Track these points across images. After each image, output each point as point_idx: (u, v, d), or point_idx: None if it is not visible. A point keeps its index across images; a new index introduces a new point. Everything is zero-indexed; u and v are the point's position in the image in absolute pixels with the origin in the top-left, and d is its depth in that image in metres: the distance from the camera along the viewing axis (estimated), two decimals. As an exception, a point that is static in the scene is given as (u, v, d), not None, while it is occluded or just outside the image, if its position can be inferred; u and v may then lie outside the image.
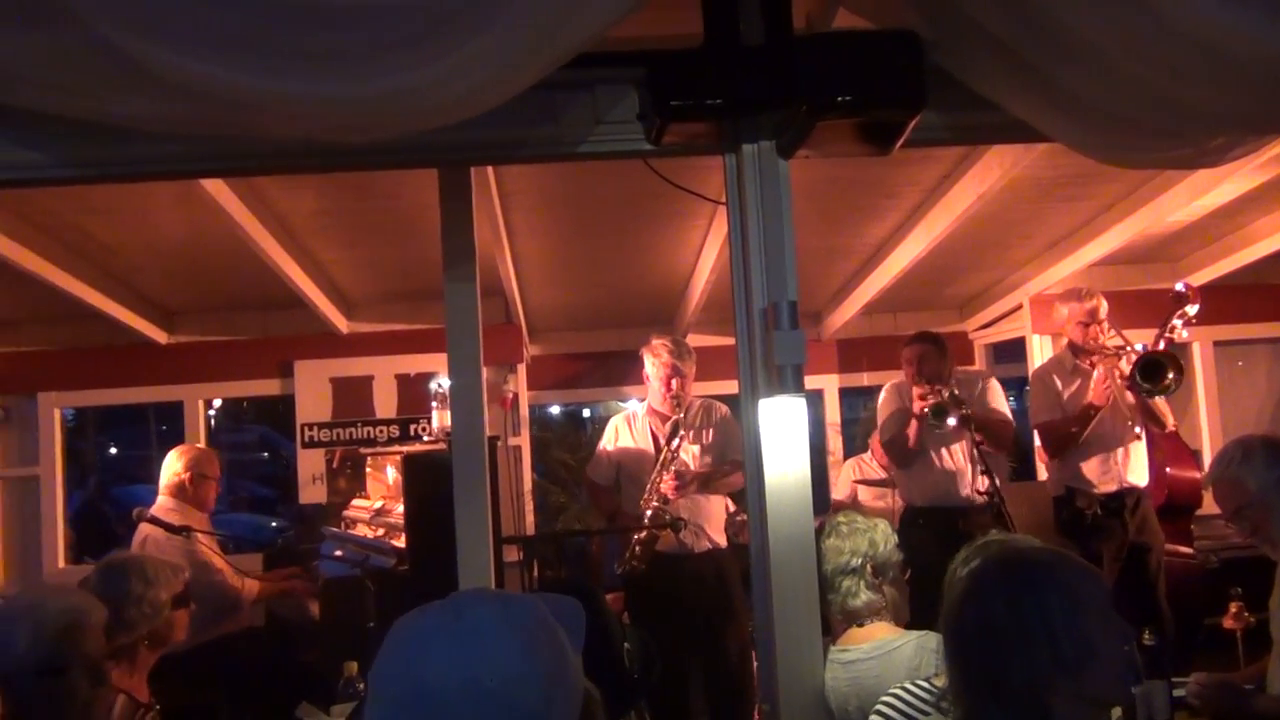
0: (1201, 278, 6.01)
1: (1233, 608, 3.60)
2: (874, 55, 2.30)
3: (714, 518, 4.76)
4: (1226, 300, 6.13)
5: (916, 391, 4.79)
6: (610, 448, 4.92)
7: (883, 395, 5.29)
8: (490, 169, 3.90)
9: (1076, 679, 1.61)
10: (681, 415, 4.68)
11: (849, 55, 2.29)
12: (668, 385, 4.67)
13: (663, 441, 4.68)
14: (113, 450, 13.27)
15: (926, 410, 4.69)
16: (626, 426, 4.91)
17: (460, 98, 1.86)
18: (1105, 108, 2.23)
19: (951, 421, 4.66)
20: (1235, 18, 1.77)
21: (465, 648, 1.18)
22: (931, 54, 2.35)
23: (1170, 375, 4.56)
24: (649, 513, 4.54)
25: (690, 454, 4.71)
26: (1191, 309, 4.69)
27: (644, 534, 4.55)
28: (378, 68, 1.68)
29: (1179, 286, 4.81)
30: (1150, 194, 4.85)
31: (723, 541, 4.80)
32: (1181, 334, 4.78)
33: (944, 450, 4.99)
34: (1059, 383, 4.99)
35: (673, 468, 4.60)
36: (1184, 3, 1.75)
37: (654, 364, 4.74)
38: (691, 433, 4.74)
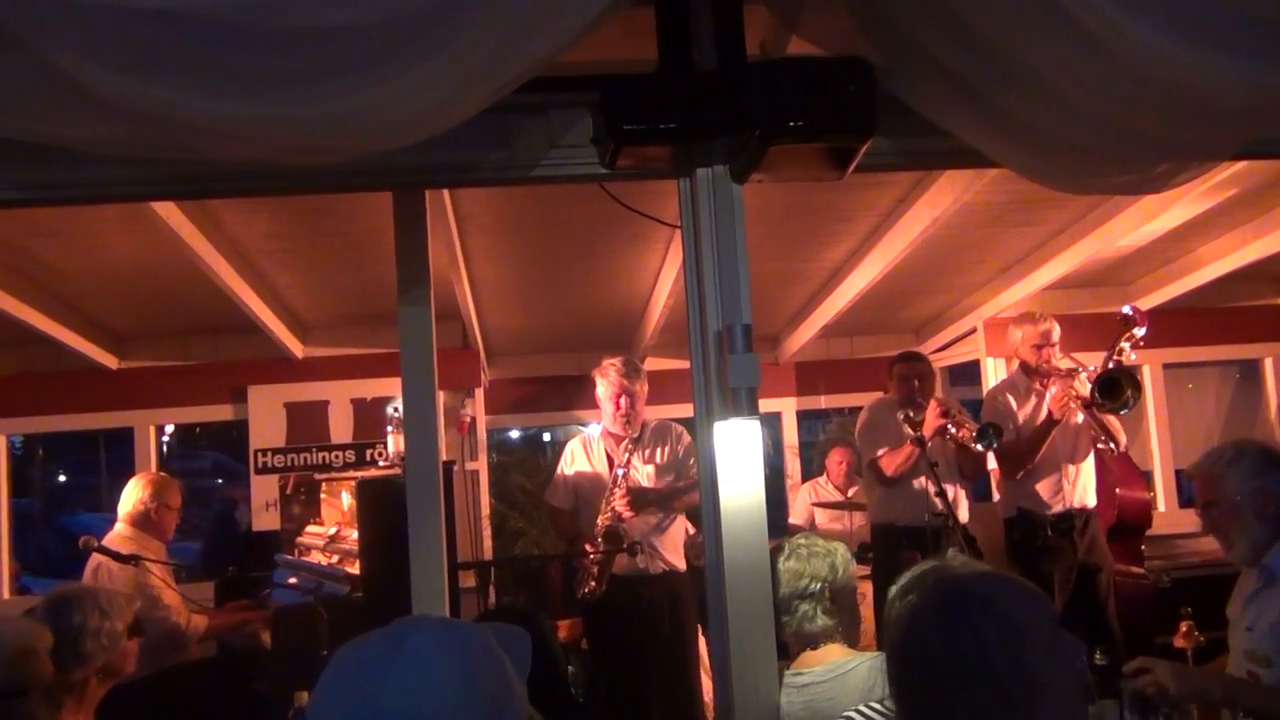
0: (1151, 301, 6.13)
1: (1183, 626, 3.63)
2: (826, 82, 2.32)
3: (671, 540, 4.74)
4: (1175, 323, 6.25)
5: (935, 410, 4.78)
6: (567, 471, 4.91)
7: (867, 413, 5.30)
8: (446, 193, 3.89)
9: (1027, 713, 1.51)
10: (635, 435, 4.67)
11: (801, 81, 2.32)
12: (617, 405, 4.67)
13: (617, 461, 4.67)
14: (61, 478, 13.01)
15: (973, 435, 4.69)
16: (583, 449, 4.90)
17: (411, 121, 1.85)
18: (1053, 135, 2.27)
19: (994, 445, 4.68)
20: (1178, 49, 1.81)
21: (406, 676, 1.17)
22: (883, 81, 2.38)
23: (1128, 392, 4.65)
24: (603, 531, 4.53)
25: (645, 473, 4.70)
26: (1139, 331, 4.78)
27: (598, 556, 4.53)
28: (326, 90, 1.67)
29: (1126, 310, 4.89)
30: (1099, 219, 4.95)
31: (680, 564, 4.78)
32: (1130, 356, 4.86)
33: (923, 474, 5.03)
34: (1013, 403, 5.05)
35: (625, 485, 4.59)
36: (1127, 36, 1.79)
37: (604, 385, 4.75)
38: (646, 451, 4.73)
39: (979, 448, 4.71)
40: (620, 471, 4.64)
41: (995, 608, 1.56)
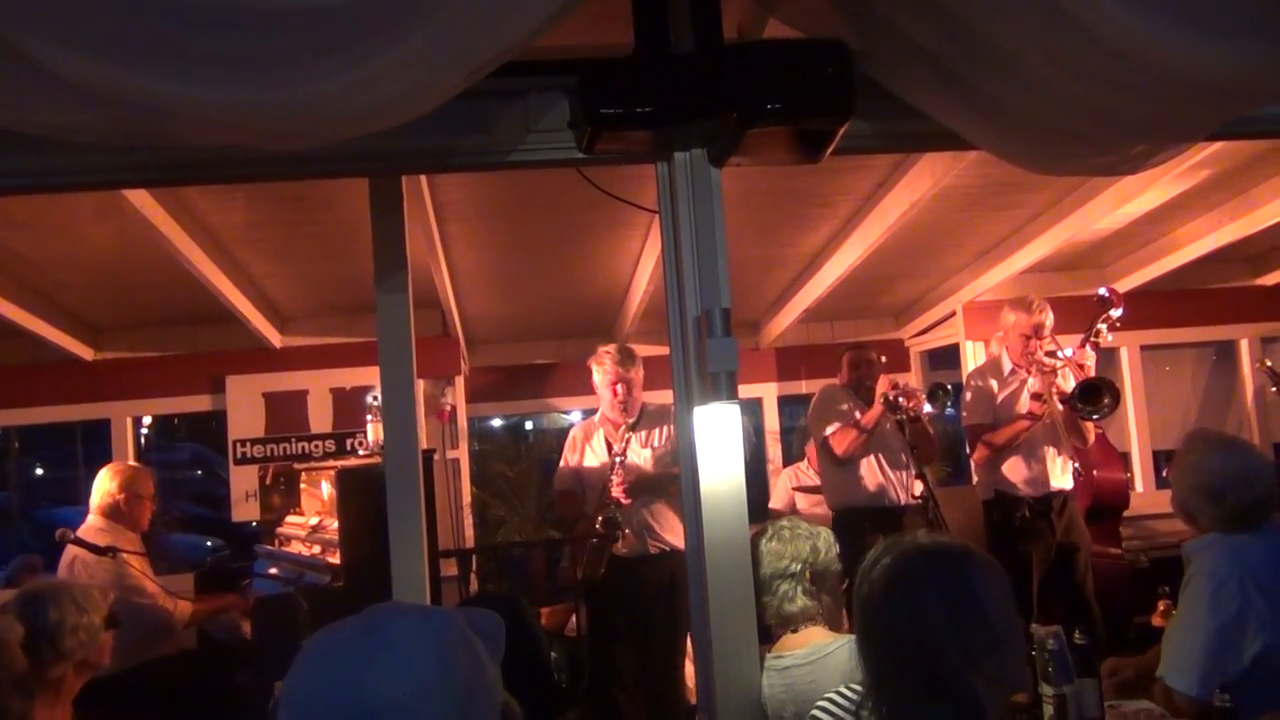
0: (1128, 284, 6.16)
1: (1161, 605, 3.66)
2: (803, 64, 2.31)
3: (669, 520, 4.77)
4: (1152, 305, 6.30)
5: (886, 381, 4.95)
6: (570, 456, 5.00)
7: (818, 397, 5.38)
8: (424, 179, 3.86)
9: (998, 659, 1.65)
10: (631, 421, 4.77)
11: (778, 64, 2.31)
12: (614, 392, 4.78)
13: (615, 447, 4.76)
14: (39, 471, 12.89)
15: (920, 394, 4.93)
16: (583, 435, 4.99)
17: (384, 104, 1.83)
18: (1029, 116, 2.27)
19: (928, 408, 4.89)
20: (1153, 28, 1.82)
21: (381, 662, 1.16)
22: (860, 64, 2.38)
23: (1105, 401, 4.70)
24: (600, 519, 4.61)
25: (642, 457, 4.77)
26: (1115, 313, 4.80)
27: (592, 541, 4.59)
28: (298, 73, 1.65)
29: (1102, 291, 4.92)
30: (1077, 202, 4.97)
31: (680, 543, 4.81)
32: (1106, 338, 4.88)
33: (880, 454, 5.07)
34: (994, 386, 5.06)
35: (621, 471, 4.66)
36: (1104, 15, 1.79)
37: (600, 373, 4.84)
38: (642, 435, 4.80)
39: (930, 408, 4.88)
40: (618, 459, 4.70)
41: (974, 562, 1.72)
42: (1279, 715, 2.35)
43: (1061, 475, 4.97)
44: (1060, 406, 4.87)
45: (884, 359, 5.31)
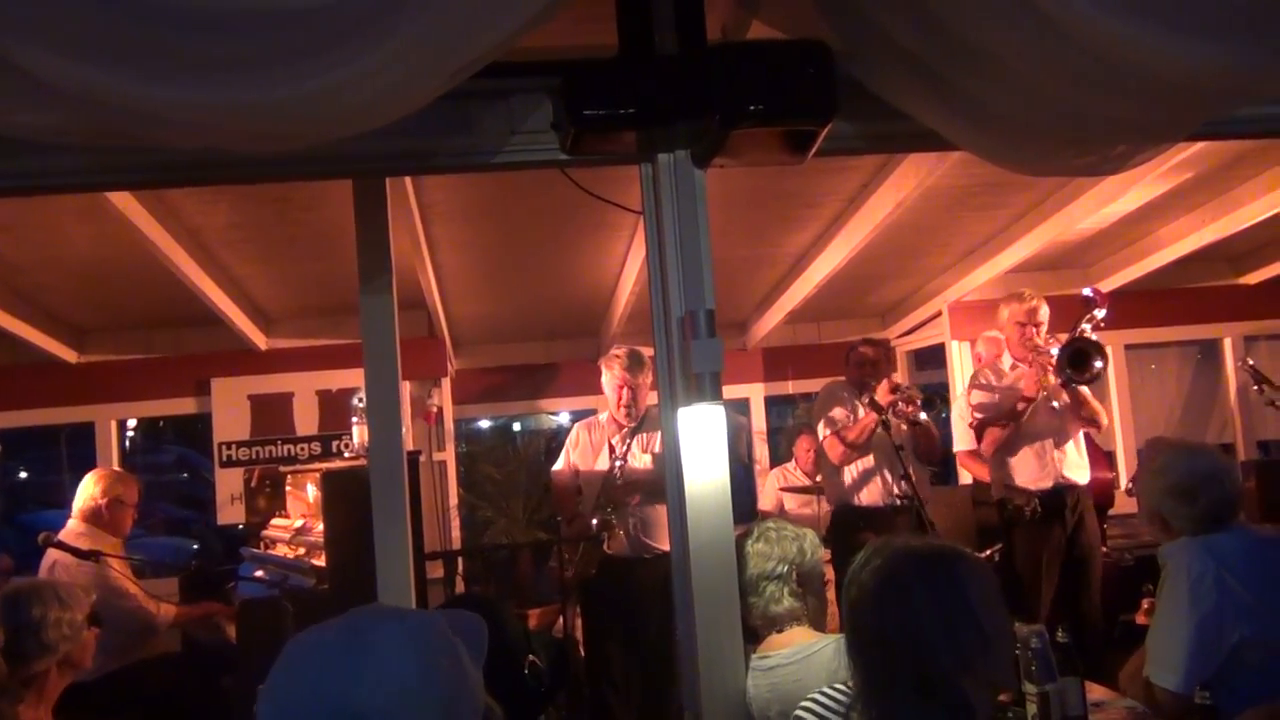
0: (1111, 283, 6.19)
1: (1145, 604, 3.69)
2: (786, 65, 2.32)
3: (662, 524, 4.77)
4: (1136, 305, 6.33)
5: (886, 385, 4.89)
6: (571, 453, 5.01)
7: (821, 394, 5.38)
8: (409, 181, 3.86)
9: (989, 660, 1.66)
10: (634, 424, 4.78)
11: (761, 65, 2.31)
12: (619, 396, 4.79)
13: (617, 449, 4.78)
14: (22, 475, 12.82)
15: (918, 401, 4.83)
16: (586, 433, 4.99)
17: (366, 106, 1.83)
18: (1011, 116, 2.28)
19: (926, 414, 4.82)
20: (1133, 30, 1.82)
21: (361, 666, 1.15)
22: (843, 64, 2.38)
23: (1095, 361, 4.67)
24: (595, 520, 4.63)
25: (642, 461, 4.78)
26: (1100, 313, 4.80)
27: (580, 543, 4.60)
28: (278, 75, 1.64)
29: (1086, 291, 4.91)
30: (1060, 202, 4.99)
31: None
32: (1091, 337, 4.88)
33: (879, 454, 5.06)
34: (994, 380, 5.05)
35: (620, 473, 4.68)
36: (1084, 16, 1.80)
37: (608, 375, 4.85)
38: (644, 438, 4.81)
39: (925, 417, 4.83)
40: (619, 463, 4.72)
41: (965, 563, 1.74)
42: (1260, 711, 2.36)
43: (1072, 468, 4.89)
44: (1064, 396, 4.83)
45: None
